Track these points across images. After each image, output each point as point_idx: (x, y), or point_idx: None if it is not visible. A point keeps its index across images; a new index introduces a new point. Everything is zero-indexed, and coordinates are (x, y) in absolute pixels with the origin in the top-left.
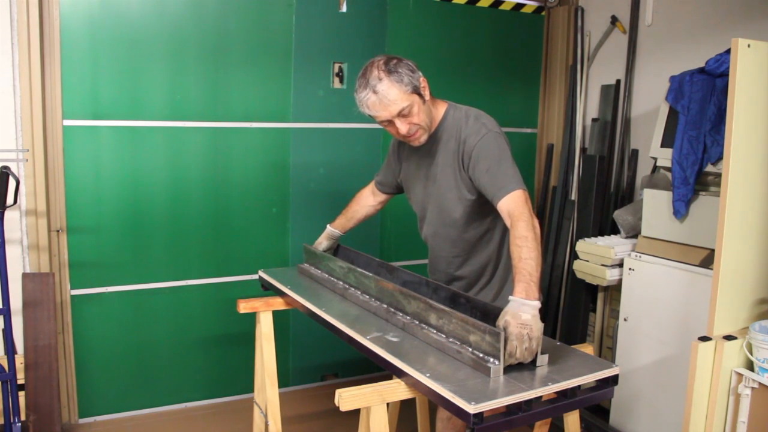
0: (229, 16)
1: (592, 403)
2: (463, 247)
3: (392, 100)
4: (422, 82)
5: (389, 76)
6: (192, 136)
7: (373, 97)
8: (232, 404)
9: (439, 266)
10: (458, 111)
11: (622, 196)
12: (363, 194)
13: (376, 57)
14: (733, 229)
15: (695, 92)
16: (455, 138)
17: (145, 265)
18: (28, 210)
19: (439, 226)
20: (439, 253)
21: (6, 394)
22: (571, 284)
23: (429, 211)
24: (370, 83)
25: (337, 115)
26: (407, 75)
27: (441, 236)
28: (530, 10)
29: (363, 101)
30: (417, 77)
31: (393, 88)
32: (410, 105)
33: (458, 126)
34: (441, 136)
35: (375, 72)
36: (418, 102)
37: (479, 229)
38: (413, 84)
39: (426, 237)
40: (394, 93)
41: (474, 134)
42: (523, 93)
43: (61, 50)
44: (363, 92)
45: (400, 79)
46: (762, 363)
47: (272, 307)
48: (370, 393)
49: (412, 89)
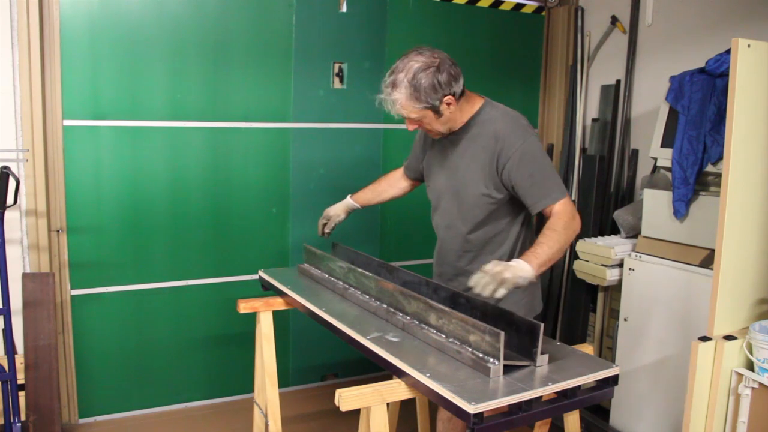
0: (229, 16)
1: (592, 403)
2: (474, 244)
3: (401, 109)
4: (446, 99)
5: (408, 87)
6: (192, 136)
7: (387, 98)
8: (232, 404)
9: (447, 258)
10: (495, 109)
11: (622, 196)
12: (394, 174)
13: (420, 52)
14: (733, 229)
15: (695, 92)
16: (490, 135)
17: (145, 265)
18: (28, 210)
19: (454, 219)
20: (450, 246)
21: (6, 394)
22: (571, 284)
23: (444, 201)
24: (391, 83)
25: (337, 115)
26: (426, 93)
27: (454, 229)
28: (530, 10)
29: (381, 97)
30: (439, 96)
31: (406, 101)
32: (420, 117)
33: (495, 123)
34: (472, 130)
35: (402, 74)
36: (431, 116)
37: (494, 229)
38: (430, 103)
39: (437, 226)
40: (404, 105)
41: (515, 136)
42: (523, 93)
43: (61, 50)
44: (384, 88)
45: (418, 96)
46: (762, 363)
47: (272, 307)
48: (370, 393)
49: (425, 107)
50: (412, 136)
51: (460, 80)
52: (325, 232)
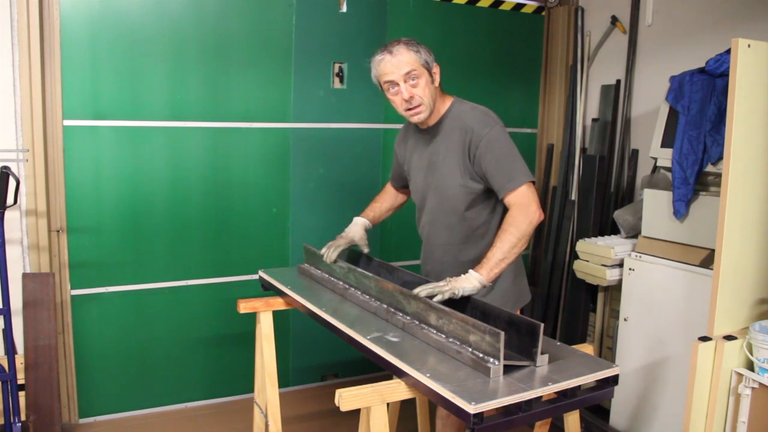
0: (230, 16)
1: (592, 403)
2: (459, 237)
3: (404, 61)
4: (435, 67)
5: (407, 45)
6: (192, 136)
7: (387, 56)
8: (232, 404)
9: (434, 254)
10: (464, 104)
11: (622, 196)
12: (388, 189)
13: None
14: (733, 229)
15: (695, 92)
16: (461, 128)
17: (145, 265)
18: (28, 210)
19: (438, 214)
20: (436, 242)
21: (6, 394)
22: (571, 284)
23: (429, 200)
24: (388, 47)
25: (337, 115)
26: (425, 52)
27: (438, 224)
28: (530, 10)
29: (376, 61)
30: (432, 60)
31: (409, 52)
32: (419, 72)
33: (464, 117)
34: (444, 127)
35: (395, 42)
36: (426, 77)
37: (476, 220)
38: (426, 60)
39: (423, 227)
40: (408, 56)
41: (482, 125)
42: (523, 93)
43: (61, 50)
44: (379, 54)
45: (417, 50)
46: (762, 363)
47: (272, 307)
48: (370, 393)
49: (423, 63)
50: None
51: None
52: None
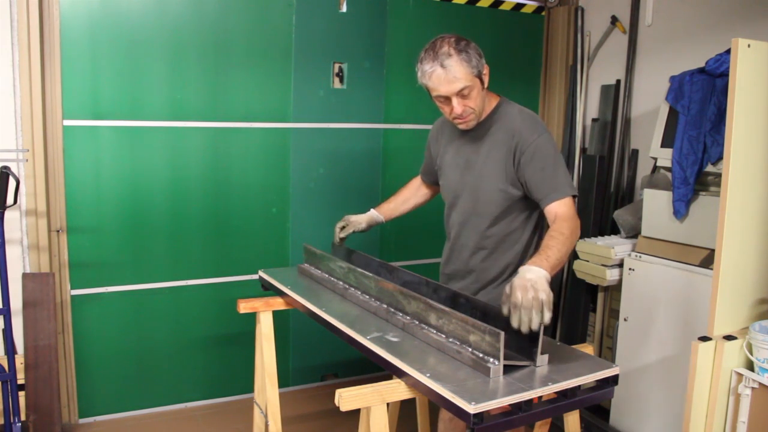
0: (229, 16)
1: (592, 403)
2: (490, 242)
3: (457, 77)
4: (485, 69)
5: (459, 54)
6: (192, 136)
7: (439, 70)
8: (232, 404)
9: (461, 255)
10: (511, 106)
11: (622, 196)
12: (414, 183)
13: (445, 34)
14: (733, 229)
15: (695, 92)
16: (506, 130)
17: (145, 265)
18: (28, 210)
19: (470, 215)
20: (465, 242)
21: (6, 394)
22: (571, 284)
23: (462, 199)
24: (439, 56)
25: (337, 115)
26: (475, 57)
27: (470, 226)
28: (530, 10)
29: (427, 73)
30: (482, 62)
31: (461, 66)
32: (472, 86)
33: (511, 119)
34: (489, 126)
35: (445, 47)
36: (479, 86)
37: (509, 226)
38: (479, 68)
39: (452, 226)
40: (461, 71)
41: (531, 131)
42: (523, 93)
43: (61, 50)
44: (429, 64)
45: (469, 59)
46: (762, 363)
47: (272, 307)
48: (370, 393)
49: (476, 72)
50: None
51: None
52: (339, 237)
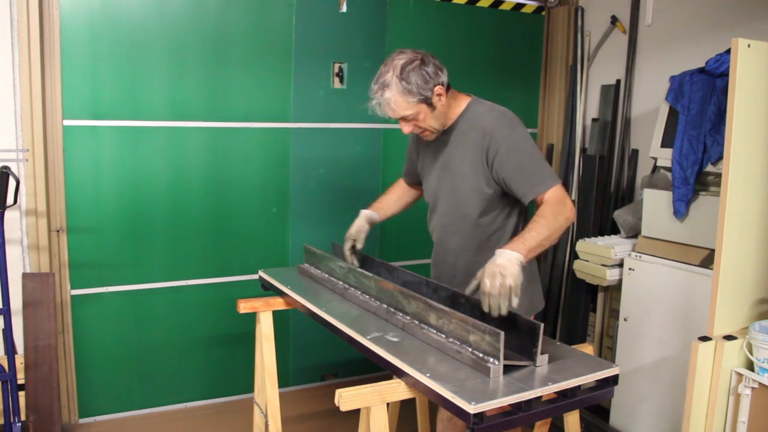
0: (230, 16)
1: (592, 403)
2: (472, 242)
3: (395, 109)
4: (437, 90)
5: (399, 84)
6: (192, 136)
7: (380, 100)
8: (232, 404)
9: (446, 258)
10: (482, 105)
11: (622, 196)
12: (400, 184)
13: (401, 51)
14: (733, 229)
15: (695, 92)
16: (478, 130)
17: (145, 265)
18: (28, 210)
19: (451, 218)
20: (448, 245)
21: (6, 394)
22: (571, 284)
23: (441, 201)
24: (380, 86)
25: (337, 115)
26: (417, 86)
27: (452, 228)
28: (530, 10)
29: (372, 98)
30: (430, 86)
31: (400, 97)
32: (415, 113)
33: (482, 119)
34: (461, 128)
35: (389, 74)
36: (425, 110)
37: (491, 226)
38: (422, 95)
39: (434, 228)
40: (399, 103)
41: (502, 128)
42: (523, 93)
43: (61, 50)
44: (373, 92)
45: (410, 90)
46: (762, 363)
47: (272, 307)
48: (370, 393)
49: (419, 100)
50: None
51: (444, 71)
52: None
